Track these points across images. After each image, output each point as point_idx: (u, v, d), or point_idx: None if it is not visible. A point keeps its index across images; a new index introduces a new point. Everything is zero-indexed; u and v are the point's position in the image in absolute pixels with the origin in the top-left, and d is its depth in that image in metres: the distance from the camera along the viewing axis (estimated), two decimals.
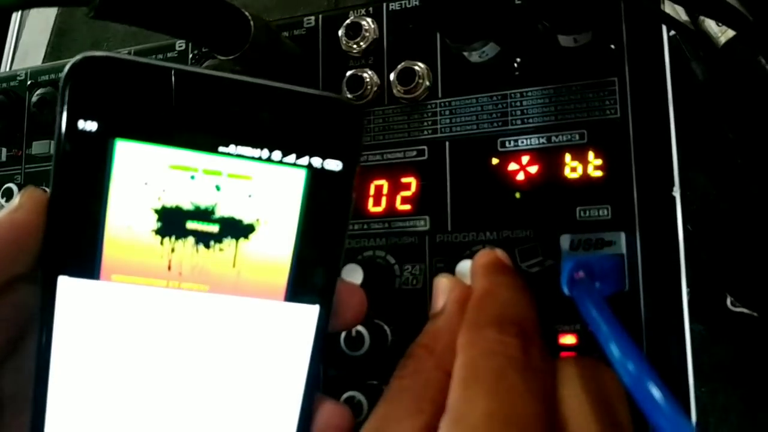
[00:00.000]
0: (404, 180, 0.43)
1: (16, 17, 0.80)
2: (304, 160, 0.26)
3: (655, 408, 0.23)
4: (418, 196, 0.43)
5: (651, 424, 0.24)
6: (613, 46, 0.39)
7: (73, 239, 0.26)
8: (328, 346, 0.42)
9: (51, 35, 0.77)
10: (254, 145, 0.26)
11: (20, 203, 0.26)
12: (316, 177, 0.27)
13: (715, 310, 0.38)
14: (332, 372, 0.43)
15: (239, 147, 0.26)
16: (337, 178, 0.27)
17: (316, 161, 0.26)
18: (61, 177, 0.25)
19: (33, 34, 0.78)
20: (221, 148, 0.26)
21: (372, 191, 0.44)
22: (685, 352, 0.36)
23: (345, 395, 0.41)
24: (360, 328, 0.41)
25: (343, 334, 0.41)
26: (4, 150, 0.56)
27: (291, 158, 0.26)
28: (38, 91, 0.54)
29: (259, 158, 0.26)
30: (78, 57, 0.24)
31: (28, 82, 0.56)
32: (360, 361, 0.41)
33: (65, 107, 0.24)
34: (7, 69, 0.77)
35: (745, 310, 0.38)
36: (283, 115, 0.26)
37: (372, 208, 0.44)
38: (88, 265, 0.26)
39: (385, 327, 0.42)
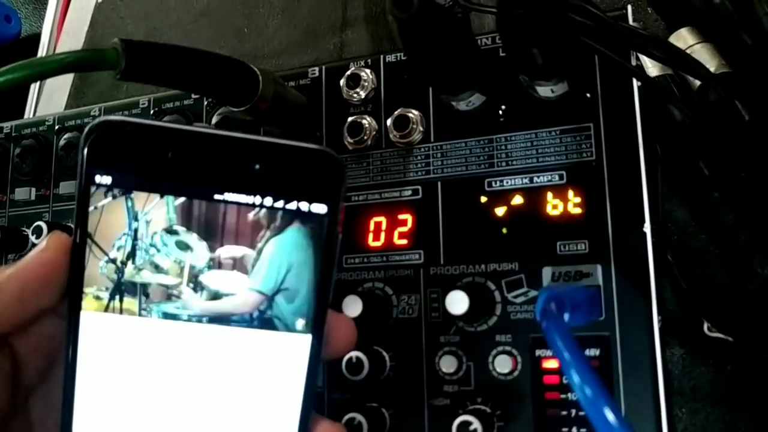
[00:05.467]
0: (401, 217, 0.46)
1: None
2: (293, 205, 0.29)
3: (608, 429, 0.26)
4: (414, 232, 0.45)
5: None
6: (588, 95, 0.42)
7: None
8: (331, 371, 0.45)
9: (74, 77, 0.78)
10: (248, 192, 0.28)
11: (48, 244, 0.28)
12: (304, 219, 0.29)
13: (695, 335, 0.41)
14: (335, 395, 0.45)
15: (235, 194, 0.28)
16: (323, 219, 0.29)
17: (304, 205, 0.29)
18: (82, 222, 0.28)
19: (57, 77, 0.81)
20: (220, 196, 0.28)
21: (372, 227, 0.47)
22: (657, 374, 0.39)
23: (346, 417, 0.43)
24: (360, 354, 0.43)
25: (345, 360, 0.43)
26: (33, 190, 0.59)
27: (281, 203, 0.29)
28: (65, 136, 0.58)
29: (253, 204, 0.28)
30: (94, 122, 0.27)
31: (56, 127, 0.60)
32: (360, 385, 0.43)
33: (84, 164, 0.27)
34: (32, 110, 0.79)
35: (720, 335, 0.40)
36: (274, 165, 0.28)
37: (372, 242, 0.46)
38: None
39: (384, 353, 0.44)
